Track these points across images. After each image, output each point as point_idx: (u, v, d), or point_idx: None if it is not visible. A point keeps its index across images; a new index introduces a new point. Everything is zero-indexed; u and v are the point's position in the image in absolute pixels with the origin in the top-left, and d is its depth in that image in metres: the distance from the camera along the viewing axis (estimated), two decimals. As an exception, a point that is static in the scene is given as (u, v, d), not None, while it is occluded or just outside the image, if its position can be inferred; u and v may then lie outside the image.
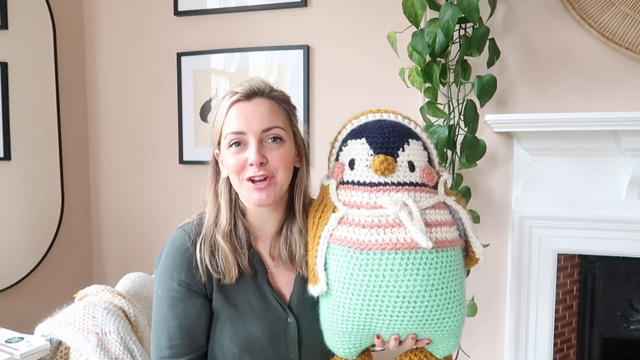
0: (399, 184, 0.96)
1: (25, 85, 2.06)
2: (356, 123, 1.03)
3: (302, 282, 1.10)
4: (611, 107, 1.66)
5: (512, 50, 1.74)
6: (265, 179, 1.02)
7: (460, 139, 1.66)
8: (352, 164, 1.00)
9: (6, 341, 1.19)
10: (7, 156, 2.00)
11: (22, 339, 1.20)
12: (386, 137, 0.98)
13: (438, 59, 1.64)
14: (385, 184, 0.96)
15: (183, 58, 2.17)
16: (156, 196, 2.28)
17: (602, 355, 1.90)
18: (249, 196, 1.03)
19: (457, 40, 1.65)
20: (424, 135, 1.02)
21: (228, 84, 2.15)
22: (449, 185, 1.05)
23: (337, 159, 1.05)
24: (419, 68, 1.64)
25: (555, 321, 1.79)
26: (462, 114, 1.66)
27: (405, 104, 1.87)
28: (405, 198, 0.94)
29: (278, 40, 2.05)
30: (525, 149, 1.74)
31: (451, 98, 1.66)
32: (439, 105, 1.67)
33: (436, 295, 0.94)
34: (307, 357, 1.09)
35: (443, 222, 0.97)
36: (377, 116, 1.02)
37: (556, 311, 1.80)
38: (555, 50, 1.72)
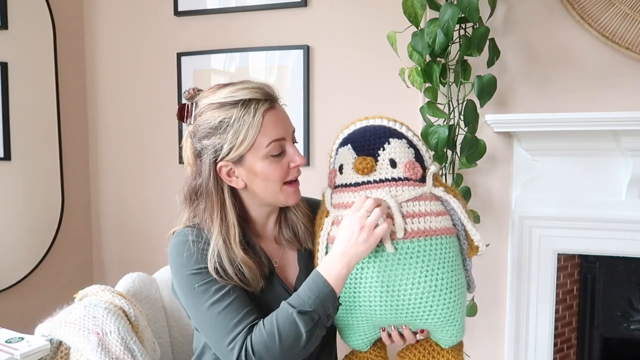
0: (380, 181, 1.03)
1: (25, 85, 2.06)
2: (346, 132, 1.09)
3: (304, 260, 1.15)
4: (611, 107, 1.66)
5: (512, 50, 1.74)
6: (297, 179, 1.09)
7: (460, 139, 1.66)
8: (341, 169, 1.07)
9: (6, 341, 1.19)
10: (7, 156, 2.00)
11: (22, 339, 1.20)
12: (367, 140, 1.05)
13: (438, 59, 1.64)
14: (367, 182, 1.03)
15: (183, 58, 2.17)
16: (156, 196, 2.28)
17: (602, 355, 1.90)
18: (288, 199, 1.08)
19: (457, 40, 1.65)
20: (409, 134, 1.07)
21: (228, 84, 2.14)
22: (438, 177, 1.09)
23: (333, 167, 1.12)
24: (419, 68, 1.64)
25: (555, 321, 1.79)
26: (462, 114, 1.66)
27: (405, 104, 1.87)
28: (381, 194, 1.01)
29: (278, 40, 2.05)
30: (525, 149, 1.74)
31: (451, 98, 1.66)
32: (439, 105, 1.67)
33: (419, 284, 0.98)
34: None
35: (429, 212, 1.01)
36: (364, 123, 1.08)
37: (556, 311, 1.80)
38: (555, 50, 1.72)
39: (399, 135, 1.06)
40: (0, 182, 2.00)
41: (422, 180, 1.04)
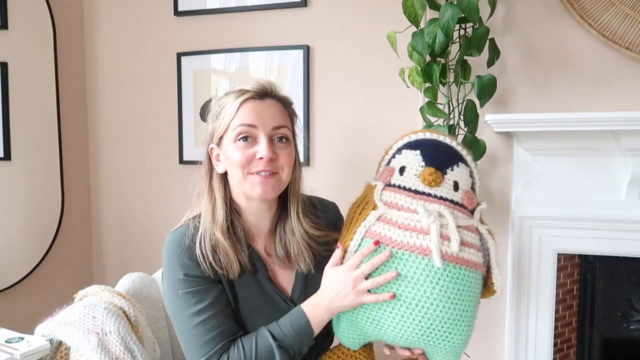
0: (441, 198, 1.02)
1: (25, 85, 2.06)
2: (414, 137, 1.10)
3: (302, 277, 1.14)
4: (611, 107, 1.66)
5: (512, 50, 1.74)
6: (270, 174, 1.06)
7: (460, 139, 1.66)
8: (402, 170, 1.06)
9: (6, 341, 1.19)
10: (7, 156, 2.00)
11: (22, 339, 1.20)
12: (439, 154, 1.05)
13: (438, 59, 1.64)
14: (429, 194, 1.02)
15: (183, 58, 2.17)
16: (156, 196, 2.28)
17: (602, 355, 1.90)
18: (253, 190, 1.06)
19: (457, 40, 1.65)
20: (472, 165, 1.10)
21: (228, 84, 2.15)
22: (482, 216, 1.10)
23: (387, 164, 1.12)
24: (419, 68, 1.64)
25: (555, 321, 1.79)
26: (462, 114, 1.66)
27: (405, 104, 1.87)
28: (443, 209, 0.99)
29: (278, 40, 2.05)
30: (525, 149, 1.74)
31: (451, 98, 1.66)
32: (439, 105, 1.67)
33: (449, 309, 0.97)
34: (310, 349, 1.10)
35: (472, 245, 1.01)
36: (435, 136, 1.09)
37: (556, 311, 1.80)
38: (555, 50, 1.72)
39: (466, 163, 1.08)
40: (0, 182, 2.00)
41: (472, 211, 1.06)
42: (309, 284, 1.14)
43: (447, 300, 0.97)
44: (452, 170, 1.04)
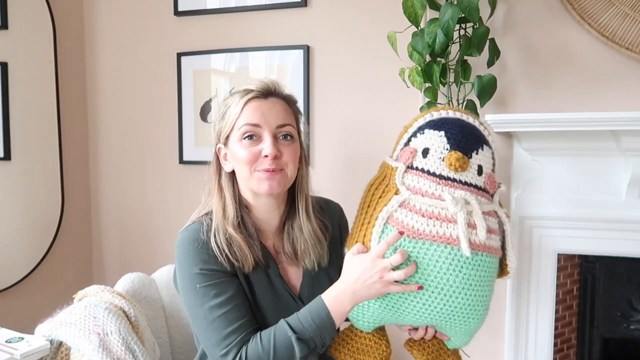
0: (465, 183, 0.98)
1: (25, 85, 2.06)
2: (436, 115, 1.05)
3: (310, 274, 1.16)
4: (611, 107, 1.66)
5: (512, 50, 1.74)
6: (275, 171, 1.08)
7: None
8: (425, 152, 1.01)
9: (6, 341, 1.19)
10: (7, 156, 2.00)
11: (22, 339, 1.20)
12: (465, 137, 1.00)
13: (438, 59, 1.64)
14: (454, 180, 0.98)
15: (183, 58, 2.17)
16: (156, 196, 2.28)
17: (602, 355, 1.90)
18: (259, 186, 1.09)
19: (457, 40, 1.65)
20: (494, 146, 1.06)
21: (228, 84, 2.15)
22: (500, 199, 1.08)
23: (407, 144, 1.06)
24: (419, 68, 1.64)
25: (555, 321, 1.79)
26: (462, 114, 1.66)
27: (405, 104, 1.87)
28: (469, 196, 0.96)
29: (278, 40, 2.05)
30: (525, 149, 1.74)
31: (451, 98, 1.66)
32: (439, 105, 1.67)
33: (471, 295, 0.96)
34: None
35: (494, 230, 1.00)
36: (458, 115, 1.05)
37: (556, 311, 1.80)
38: (555, 50, 1.72)
39: (489, 145, 1.05)
40: (0, 182, 2.00)
41: (492, 195, 1.04)
42: (316, 281, 1.15)
43: (469, 287, 0.96)
44: (476, 154, 1.00)
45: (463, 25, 1.65)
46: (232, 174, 1.14)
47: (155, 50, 2.23)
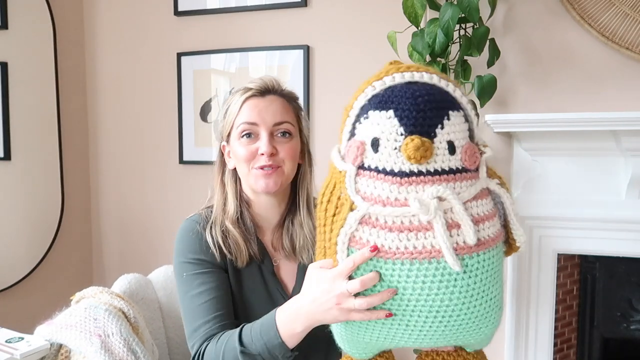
0: (435, 172, 0.74)
1: (25, 85, 2.06)
2: (379, 87, 0.80)
3: (303, 270, 1.13)
4: (611, 107, 1.66)
5: (512, 50, 1.74)
6: (272, 168, 1.09)
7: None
8: (375, 144, 0.76)
9: (6, 341, 1.19)
10: (7, 156, 2.00)
11: (22, 339, 1.20)
12: (421, 111, 0.74)
13: (438, 59, 1.64)
14: (420, 173, 0.73)
15: (183, 58, 2.17)
16: (156, 196, 2.28)
17: (602, 355, 1.90)
18: (257, 183, 1.10)
19: (457, 40, 1.65)
20: (464, 100, 0.78)
21: (228, 84, 2.15)
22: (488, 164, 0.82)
23: (353, 134, 0.82)
24: (419, 68, 1.64)
25: (555, 321, 1.79)
26: (462, 114, 1.66)
27: (405, 104, 1.87)
28: (442, 191, 0.72)
29: (278, 40, 2.05)
30: (525, 149, 1.74)
31: (451, 98, 1.66)
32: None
33: (475, 307, 0.77)
34: (306, 349, 1.10)
35: (486, 216, 0.77)
36: (407, 77, 0.78)
37: (556, 311, 1.79)
38: (555, 50, 1.72)
39: (457, 106, 0.76)
40: (0, 182, 2.00)
41: (476, 170, 0.78)
42: None
43: (470, 297, 0.76)
44: (442, 128, 0.73)
45: (463, 25, 1.65)
46: (235, 171, 1.16)
47: (155, 50, 2.22)
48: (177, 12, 2.16)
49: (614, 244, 1.69)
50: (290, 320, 0.90)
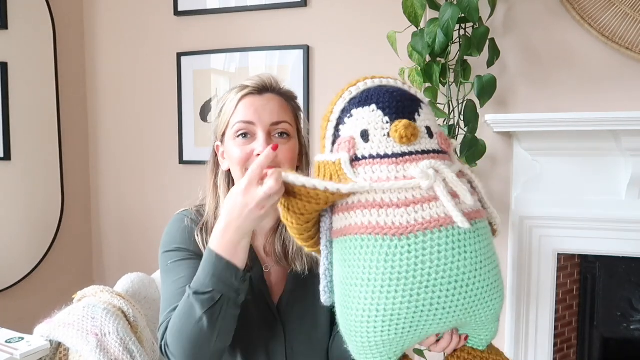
0: (424, 152, 0.82)
1: (25, 85, 2.06)
2: (355, 91, 0.88)
3: (293, 280, 1.11)
4: (611, 107, 1.66)
5: (512, 50, 1.74)
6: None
7: (460, 139, 1.66)
8: (365, 135, 0.84)
9: (6, 341, 1.19)
10: (7, 156, 2.00)
11: (22, 339, 1.20)
12: (399, 101, 0.84)
13: (438, 59, 1.64)
14: (411, 153, 0.81)
15: (183, 58, 2.17)
16: (156, 196, 2.28)
17: (602, 355, 1.90)
18: None
19: (457, 40, 1.65)
20: (426, 101, 0.90)
21: (228, 84, 2.15)
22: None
23: (336, 136, 0.91)
24: (419, 68, 1.64)
25: (555, 321, 1.79)
26: (462, 114, 1.66)
27: (405, 104, 1.87)
28: (434, 164, 0.80)
29: (278, 40, 2.05)
30: (525, 149, 1.74)
31: (451, 98, 1.66)
32: (439, 105, 1.67)
33: (485, 273, 0.81)
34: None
35: (471, 192, 0.84)
36: (377, 82, 0.88)
37: (556, 311, 1.80)
38: (555, 50, 1.72)
39: (423, 102, 0.88)
40: (0, 182, 2.00)
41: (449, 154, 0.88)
42: (299, 286, 1.10)
43: (480, 264, 0.80)
44: (419, 115, 0.83)
45: (463, 25, 1.65)
46: (229, 172, 1.11)
47: (155, 50, 2.23)
48: (177, 12, 2.16)
49: (614, 244, 1.69)
50: (223, 237, 0.91)
